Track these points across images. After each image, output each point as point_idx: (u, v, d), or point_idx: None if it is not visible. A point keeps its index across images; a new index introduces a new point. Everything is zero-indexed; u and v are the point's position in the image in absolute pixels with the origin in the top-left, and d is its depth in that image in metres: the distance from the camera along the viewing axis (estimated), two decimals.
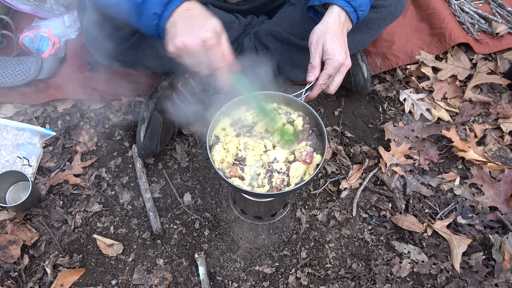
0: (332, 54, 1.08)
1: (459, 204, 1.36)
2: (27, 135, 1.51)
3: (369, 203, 1.39)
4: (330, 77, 1.11)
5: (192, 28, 0.97)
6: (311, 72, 1.11)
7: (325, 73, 1.09)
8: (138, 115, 1.46)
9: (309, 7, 1.22)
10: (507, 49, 1.67)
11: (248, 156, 1.05)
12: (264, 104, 1.07)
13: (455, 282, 1.23)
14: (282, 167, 1.03)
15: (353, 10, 1.13)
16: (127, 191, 1.43)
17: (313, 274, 1.28)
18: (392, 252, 1.30)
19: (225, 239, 1.35)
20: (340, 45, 1.10)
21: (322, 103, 1.61)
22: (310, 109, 1.09)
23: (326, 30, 1.10)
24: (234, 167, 1.03)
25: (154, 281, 1.27)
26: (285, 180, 1.01)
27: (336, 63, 1.08)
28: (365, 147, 1.50)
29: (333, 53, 1.08)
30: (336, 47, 1.08)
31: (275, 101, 1.13)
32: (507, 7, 1.72)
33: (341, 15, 1.12)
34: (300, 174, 1.02)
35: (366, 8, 1.16)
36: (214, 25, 0.97)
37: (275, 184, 1.01)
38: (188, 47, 0.95)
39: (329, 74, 1.10)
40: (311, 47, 1.12)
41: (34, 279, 1.28)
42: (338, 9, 1.12)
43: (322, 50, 1.10)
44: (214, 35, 0.95)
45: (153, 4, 0.99)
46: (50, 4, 1.77)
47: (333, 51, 1.08)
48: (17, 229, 1.34)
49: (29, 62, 1.62)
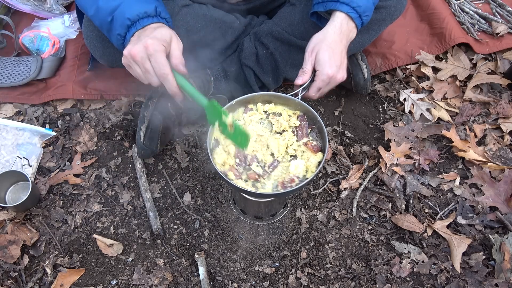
0: (323, 66, 1.08)
1: (459, 204, 1.36)
2: (27, 135, 1.51)
3: (369, 203, 1.39)
4: (320, 89, 1.12)
5: (140, 38, 1.02)
6: (300, 76, 1.11)
7: (314, 85, 1.11)
8: (138, 115, 1.47)
9: (313, 12, 1.21)
10: (507, 49, 1.66)
11: (249, 156, 1.05)
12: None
13: (455, 282, 1.23)
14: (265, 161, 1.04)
15: (358, 16, 1.12)
16: (127, 191, 1.43)
17: (313, 274, 1.28)
18: (392, 252, 1.30)
19: (225, 239, 1.35)
20: (334, 57, 1.09)
21: (322, 103, 1.61)
22: (308, 107, 1.09)
23: (323, 40, 1.10)
24: (251, 173, 1.03)
25: (154, 281, 1.27)
26: (295, 180, 1.01)
27: (325, 76, 1.09)
28: (365, 147, 1.50)
29: (324, 65, 1.08)
30: (328, 60, 1.08)
31: (273, 101, 1.13)
32: (507, 7, 1.72)
33: (343, 23, 1.11)
34: (301, 171, 1.02)
35: (370, 13, 1.15)
36: (162, 34, 1.02)
37: (282, 180, 1.01)
38: (132, 54, 1.00)
39: (318, 87, 1.11)
40: (306, 53, 1.12)
41: (34, 279, 1.28)
42: (342, 16, 1.11)
43: (315, 59, 1.10)
44: (157, 42, 1.00)
45: (118, 25, 1.06)
46: (50, 4, 1.77)
47: (325, 63, 1.08)
48: (17, 229, 1.34)
49: (29, 62, 1.62)
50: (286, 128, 1.09)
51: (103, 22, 1.09)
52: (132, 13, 1.03)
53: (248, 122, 1.11)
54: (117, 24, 1.05)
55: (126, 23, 1.04)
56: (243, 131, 1.05)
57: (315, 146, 1.06)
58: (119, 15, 1.04)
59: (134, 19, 1.04)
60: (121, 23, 1.04)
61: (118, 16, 1.04)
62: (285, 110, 1.13)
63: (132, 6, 1.04)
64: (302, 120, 1.10)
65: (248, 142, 1.06)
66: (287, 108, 1.14)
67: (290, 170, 1.02)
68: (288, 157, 1.06)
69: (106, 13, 1.05)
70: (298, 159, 1.05)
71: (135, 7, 1.04)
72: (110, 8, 1.05)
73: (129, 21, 1.04)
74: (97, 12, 1.08)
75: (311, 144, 1.06)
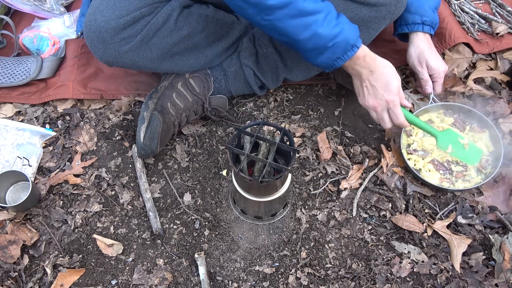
0: (438, 68, 1.42)
1: (459, 204, 1.36)
2: (27, 135, 1.51)
3: (369, 203, 1.39)
4: (441, 84, 1.46)
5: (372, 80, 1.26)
6: (426, 86, 1.45)
7: (438, 84, 1.45)
8: (138, 115, 1.47)
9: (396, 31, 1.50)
10: (507, 49, 1.66)
11: None
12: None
13: (455, 282, 1.23)
14: None
15: (433, 28, 1.43)
16: (127, 191, 1.43)
17: (313, 274, 1.28)
18: (392, 252, 1.30)
19: (225, 239, 1.35)
20: (438, 57, 1.44)
21: (322, 103, 1.62)
22: (446, 104, 1.47)
23: (423, 51, 1.42)
24: (457, 173, 1.39)
25: (154, 281, 1.27)
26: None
27: (442, 74, 1.44)
28: (365, 147, 1.50)
29: (438, 68, 1.42)
30: (437, 62, 1.43)
31: (418, 115, 1.46)
32: (507, 7, 1.72)
33: (426, 35, 1.43)
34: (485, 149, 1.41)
35: (438, 21, 1.46)
36: (394, 84, 1.25)
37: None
38: (374, 107, 1.30)
39: (441, 83, 1.45)
40: (417, 67, 1.45)
41: (34, 279, 1.28)
42: (422, 34, 1.43)
43: (428, 67, 1.43)
44: (396, 98, 1.26)
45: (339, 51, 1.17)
46: (50, 4, 1.77)
47: (437, 66, 1.42)
48: (17, 229, 1.34)
49: (29, 62, 1.62)
50: (447, 127, 1.42)
51: (317, 46, 1.15)
52: (353, 39, 1.16)
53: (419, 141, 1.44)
54: (339, 50, 1.15)
55: (348, 48, 1.16)
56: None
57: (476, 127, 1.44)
58: (342, 41, 1.14)
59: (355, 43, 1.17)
60: (343, 48, 1.15)
61: (341, 42, 1.14)
62: (431, 116, 1.48)
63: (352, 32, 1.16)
64: (451, 115, 1.47)
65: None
66: (430, 113, 1.49)
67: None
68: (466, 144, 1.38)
69: (327, 40, 1.13)
70: (474, 144, 1.39)
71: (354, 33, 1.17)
72: (332, 35, 1.12)
73: (351, 46, 1.16)
74: (314, 37, 1.13)
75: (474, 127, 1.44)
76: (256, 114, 1.59)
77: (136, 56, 1.29)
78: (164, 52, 1.32)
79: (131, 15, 1.22)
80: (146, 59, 1.31)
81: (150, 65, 1.34)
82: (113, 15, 1.22)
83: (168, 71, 1.43)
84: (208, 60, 1.43)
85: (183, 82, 1.44)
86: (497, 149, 1.38)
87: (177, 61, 1.37)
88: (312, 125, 1.56)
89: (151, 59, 1.32)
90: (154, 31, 1.26)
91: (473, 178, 1.38)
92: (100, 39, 1.25)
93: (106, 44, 1.25)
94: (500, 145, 1.36)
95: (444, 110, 1.48)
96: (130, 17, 1.22)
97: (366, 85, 1.25)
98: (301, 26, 1.11)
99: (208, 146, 1.53)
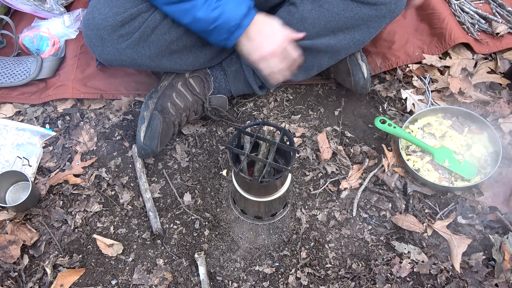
0: None
1: (459, 204, 1.36)
2: (27, 135, 1.51)
3: (369, 203, 1.39)
4: None
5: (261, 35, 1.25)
6: None
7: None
8: (138, 115, 1.46)
9: None
10: (507, 49, 1.66)
11: None
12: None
13: (455, 282, 1.23)
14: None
15: None
16: (127, 191, 1.43)
17: (313, 274, 1.28)
18: (392, 252, 1.30)
19: (225, 239, 1.35)
20: None
21: (322, 103, 1.62)
22: (449, 107, 1.48)
23: None
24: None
25: (154, 281, 1.27)
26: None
27: None
28: (365, 147, 1.50)
29: None
30: None
31: (417, 118, 1.49)
32: (507, 7, 1.72)
33: None
34: (482, 147, 1.44)
35: None
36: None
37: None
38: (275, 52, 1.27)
39: None
40: None
41: (34, 279, 1.28)
42: None
43: None
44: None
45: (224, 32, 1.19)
46: (50, 4, 1.77)
47: None
48: (17, 229, 1.34)
49: (29, 62, 1.62)
50: (446, 129, 1.44)
51: (201, 29, 1.20)
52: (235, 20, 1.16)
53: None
54: (223, 31, 1.17)
55: (232, 30, 1.17)
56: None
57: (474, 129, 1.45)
58: (223, 23, 1.16)
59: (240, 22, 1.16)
60: (227, 30, 1.16)
61: (223, 24, 1.16)
62: (430, 120, 1.48)
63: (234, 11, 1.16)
64: (449, 118, 1.48)
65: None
66: (429, 116, 1.49)
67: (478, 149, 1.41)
68: (465, 146, 1.42)
69: (208, 23, 1.16)
70: (468, 161, 1.39)
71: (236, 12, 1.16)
72: (212, 18, 1.15)
73: (234, 28, 1.16)
74: (195, 22, 1.18)
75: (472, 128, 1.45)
76: (256, 114, 1.59)
77: (135, 54, 1.30)
78: (162, 50, 1.32)
79: (128, 12, 1.23)
80: (144, 57, 1.31)
81: (149, 63, 1.34)
82: (110, 12, 1.22)
83: (168, 70, 1.43)
84: (207, 58, 1.43)
85: (183, 81, 1.44)
86: (496, 150, 1.40)
87: (176, 59, 1.37)
88: (312, 125, 1.56)
89: (150, 56, 1.32)
90: (152, 28, 1.26)
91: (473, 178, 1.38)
92: (99, 36, 1.25)
93: (104, 41, 1.25)
94: (499, 145, 1.38)
95: (443, 114, 1.50)
96: (128, 14, 1.23)
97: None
98: (181, 11, 1.18)
99: (208, 146, 1.53)
